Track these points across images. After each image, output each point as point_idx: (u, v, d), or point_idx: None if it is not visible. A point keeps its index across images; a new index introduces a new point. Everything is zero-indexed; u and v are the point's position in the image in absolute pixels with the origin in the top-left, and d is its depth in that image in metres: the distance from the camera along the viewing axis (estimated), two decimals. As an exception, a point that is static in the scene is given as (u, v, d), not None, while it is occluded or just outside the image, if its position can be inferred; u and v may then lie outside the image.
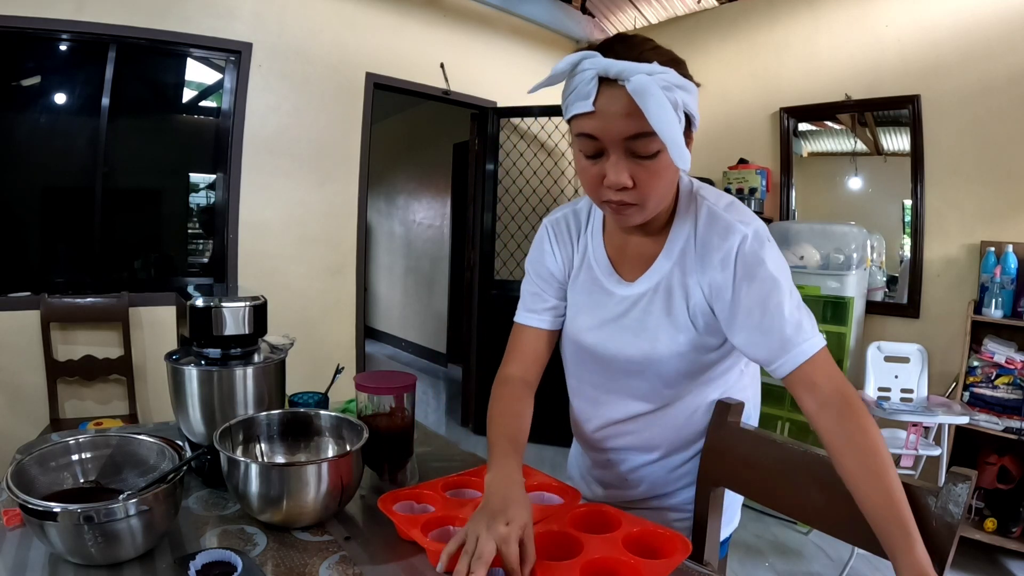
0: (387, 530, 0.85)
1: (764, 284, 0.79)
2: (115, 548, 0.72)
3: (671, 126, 0.67)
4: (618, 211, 0.79)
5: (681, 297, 0.85)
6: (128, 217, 2.81)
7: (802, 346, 0.77)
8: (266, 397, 1.05)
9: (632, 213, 0.79)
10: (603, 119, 0.72)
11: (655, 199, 0.78)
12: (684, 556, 0.74)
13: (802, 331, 0.77)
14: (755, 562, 2.39)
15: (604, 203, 0.80)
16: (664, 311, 0.86)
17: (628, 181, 0.74)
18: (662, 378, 0.90)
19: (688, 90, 0.73)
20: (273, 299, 1.14)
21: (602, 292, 0.92)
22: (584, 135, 0.74)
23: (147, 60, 2.74)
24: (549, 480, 0.97)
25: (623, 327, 0.90)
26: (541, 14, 3.83)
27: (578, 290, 0.96)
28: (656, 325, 0.87)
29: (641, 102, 0.67)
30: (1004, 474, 2.37)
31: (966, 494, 0.68)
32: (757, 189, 3.15)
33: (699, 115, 0.77)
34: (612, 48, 0.72)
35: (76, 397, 2.55)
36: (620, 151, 0.74)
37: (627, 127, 0.71)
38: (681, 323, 0.86)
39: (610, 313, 0.91)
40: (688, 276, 0.85)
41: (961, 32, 2.62)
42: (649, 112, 0.67)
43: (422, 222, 5.88)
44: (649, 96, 0.67)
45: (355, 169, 3.27)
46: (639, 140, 0.72)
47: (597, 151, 0.75)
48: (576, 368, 1.01)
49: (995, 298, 2.40)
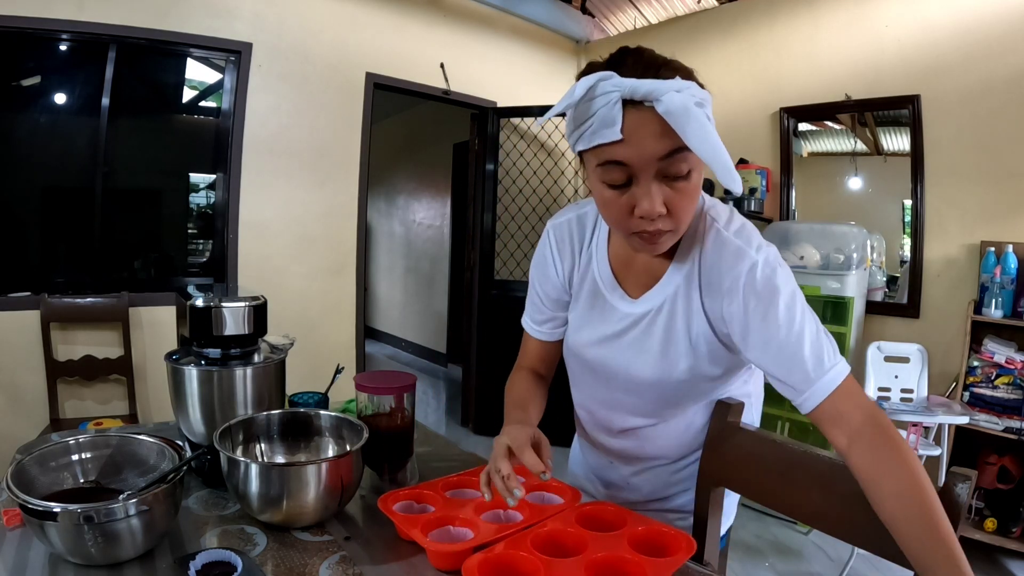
0: (387, 530, 0.85)
1: (778, 317, 0.73)
2: (115, 548, 0.72)
3: (716, 147, 0.63)
4: (650, 240, 0.73)
5: (684, 321, 0.82)
6: (128, 217, 2.81)
7: (824, 378, 0.71)
8: (266, 397, 1.05)
9: (665, 240, 0.74)
10: (634, 144, 0.66)
11: (686, 220, 0.73)
12: (688, 555, 0.74)
13: (823, 362, 0.72)
14: (755, 562, 2.39)
15: (635, 235, 0.74)
16: (666, 333, 0.83)
17: (663, 208, 0.69)
18: (663, 398, 0.88)
19: (709, 103, 0.68)
20: (273, 299, 1.14)
21: (605, 307, 0.89)
22: (612, 163, 0.68)
23: (147, 60, 2.74)
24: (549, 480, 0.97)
25: (625, 345, 0.87)
26: (541, 14, 3.83)
27: (580, 303, 0.93)
28: (658, 348, 0.84)
29: (678, 124, 0.63)
30: (1004, 474, 2.37)
31: (966, 494, 0.67)
32: (757, 189, 3.15)
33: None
34: (626, 65, 0.67)
35: (76, 397, 2.55)
36: (651, 175, 0.68)
37: (661, 147, 0.66)
38: (682, 349, 0.82)
39: (612, 329, 0.88)
40: (692, 300, 0.81)
41: (961, 32, 2.62)
42: (688, 135, 0.62)
43: (422, 222, 5.88)
44: (688, 117, 0.62)
45: (355, 169, 3.27)
46: (672, 159, 0.67)
47: (626, 179, 0.69)
48: (579, 380, 1.00)
49: (995, 298, 2.40)
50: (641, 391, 0.89)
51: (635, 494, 1.01)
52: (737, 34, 3.44)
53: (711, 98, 0.69)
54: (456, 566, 0.74)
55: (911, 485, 0.63)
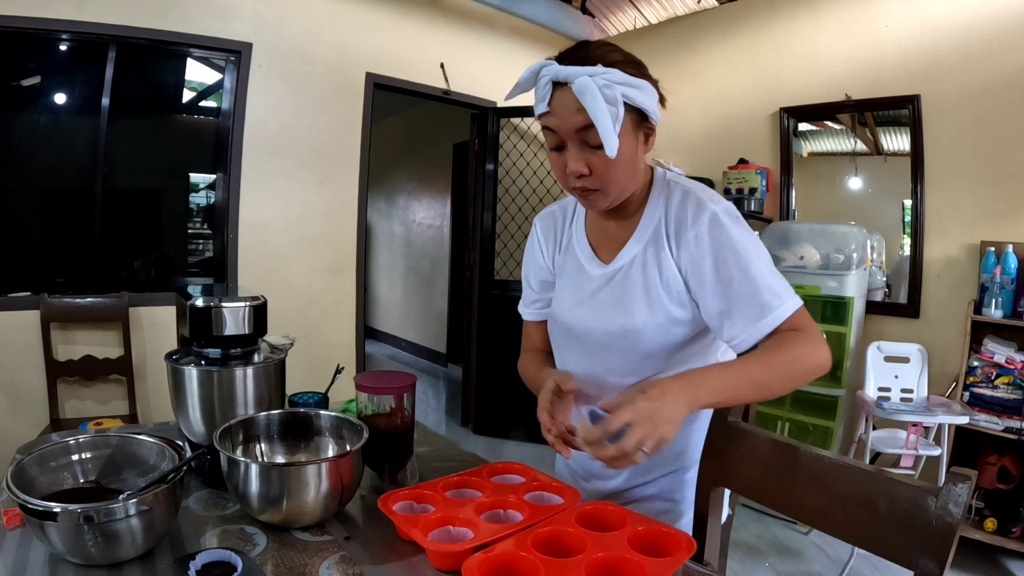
0: (387, 530, 0.85)
1: (736, 254, 0.84)
2: (115, 548, 0.72)
3: (602, 115, 0.78)
4: (584, 196, 0.89)
5: (655, 271, 0.91)
6: (128, 217, 2.81)
7: (778, 310, 0.83)
8: (266, 397, 1.05)
9: (596, 198, 0.88)
10: (557, 116, 0.82)
11: (614, 184, 0.86)
12: (689, 555, 0.74)
13: (777, 296, 0.83)
14: (755, 562, 2.39)
15: (572, 190, 0.89)
16: (639, 285, 0.91)
17: (584, 169, 0.84)
18: (639, 352, 0.92)
19: (636, 87, 0.81)
20: (273, 299, 1.14)
21: (582, 273, 0.99)
22: (546, 128, 0.86)
23: (147, 60, 2.74)
24: (549, 480, 0.97)
25: (600, 302, 0.95)
26: (541, 14, 3.82)
27: (563, 276, 1.03)
28: (631, 299, 0.92)
29: (581, 98, 0.78)
30: (1004, 474, 2.37)
31: (966, 494, 0.67)
32: (757, 189, 3.15)
33: (657, 110, 0.87)
34: (569, 55, 0.83)
35: (76, 397, 2.55)
36: (575, 143, 0.83)
37: (576, 121, 0.81)
38: (655, 296, 0.90)
39: (587, 291, 0.97)
40: (661, 251, 0.90)
41: (961, 32, 2.62)
42: (586, 105, 0.78)
43: (422, 222, 5.88)
44: (587, 93, 0.78)
45: (355, 169, 3.27)
46: (588, 131, 0.81)
47: (558, 143, 0.85)
48: (560, 349, 1.04)
49: (995, 298, 2.40)
50: (618, 345, 0.93)
51: (615, 481, 1.02)
52: (737, 34, 3.44)
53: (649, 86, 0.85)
54: (456, 566, 0.74)
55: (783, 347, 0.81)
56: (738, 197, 3.15)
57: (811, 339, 0.82)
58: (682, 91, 3.68)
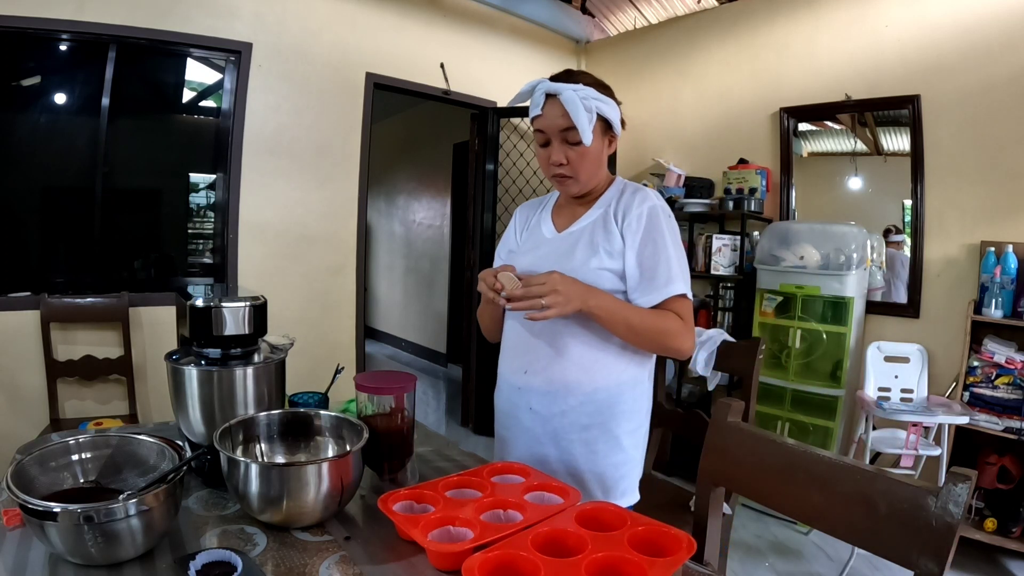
0: (387, 530, 0.85)
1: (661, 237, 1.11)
2: (115, 548, 0.72)
3: (582, 119, 1.07)
4: (560, 182, 1.17)
5: (601, 232, 1.15)
6: (128, 217, 2.81)
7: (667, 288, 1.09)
8: (266, 397, 1.05)
9: (569, 184, 1.16)
10: (547, 119, 1.12)
11: (584, 173, 1.15)
12: (689, 555, 0.74)
13: (677, 278, 1.10)
14: (755, 562, 2.39)
15: (552, 177, 1.17)
16: (588, 244, 1.15)
17: (563, 159, 1.13)
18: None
19: (605, 102, 1.11)
20: (273, 299, 1.14)
21: (538, 236, 1.24)
22: (537, 130, 1.15)
23: (147, 60, 2.74)
24: (549, 480, 0.97)
25: (549, 256, 1.17)
26: (541, 14, 3.83)
27: (523, 243, 1.28)
28: (580, 253, 1.14)
29: (566, 106, 1.08)
30: (1004, 474, 2.37)
31: (966, 494, 0.68)
32: (757, 189, 3.15)
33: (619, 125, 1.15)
34: (557, 77, 1.12)
35: (76, 397, 2.55)
36: (558, 140, 1.12)
37: (561, 123, 1.10)
38: (594, 246, 1.14)
39: (542, 251, 1.20)
40: (608, 221, 1.15)
41: (961, 32, 2.62)
42: (569, 111, 1.07)
43: (422, 222, 5.88)
44: (571, 102, 1.07)
45: (355, 169, 3.27)
46: (569, 132, 1.10)
47: (545, 141, 1.14)
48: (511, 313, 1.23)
49: (995, 298, 2.40)
50: None
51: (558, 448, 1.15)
52: (737, 34, 3.44)
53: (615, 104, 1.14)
54: (456, 566, 0.74)
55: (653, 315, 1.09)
56: (738, 197, 3.15)
57: (684, 327, 1.10)
58: (682, 91, 3.68)
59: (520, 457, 1.16)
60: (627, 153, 3.86)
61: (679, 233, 1.16)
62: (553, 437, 1.15)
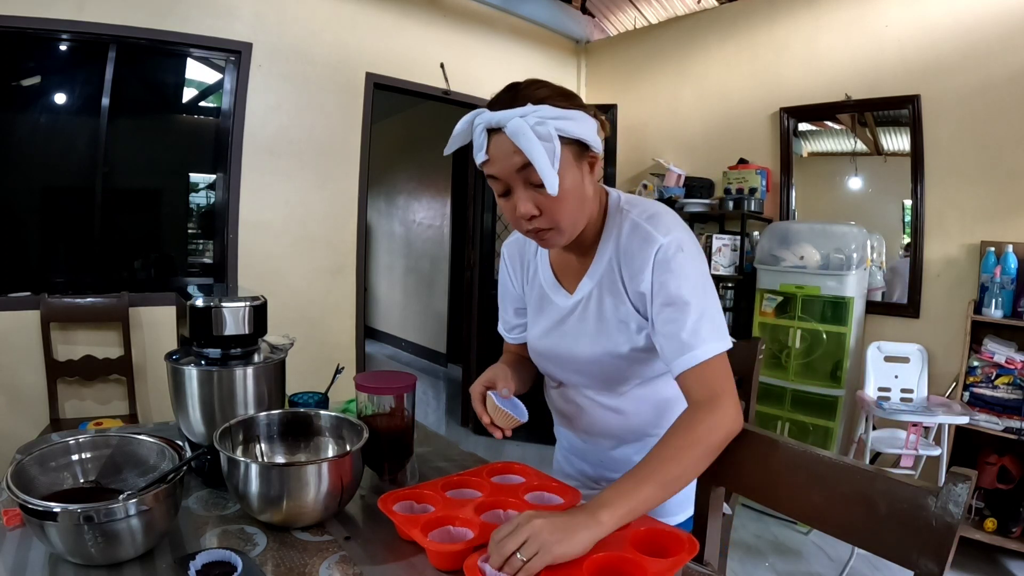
0: (387, 530, 0.85)
1: (670, 291, 0.86)
2: (115, 548, 0.72)
3: (538, 153, 0.78)
4: (539, 237, 0.89)
5: (611, 302, 0.93)
6: (128, 217, 2.81)
7: (692, 353, 0.83)
8: (266, 397, 1.05)
9: (551, 236, 0.88)
10: (496, 161, 0.83)
11: (566, 221, 0.86)
12: (691, 555, 0.74)
13: (698, 336, 0.83)
14: (755, 562, 2.39)
15: (527, 233, 0.89)
16: (597, 316, 0.95)
17: (534, 209, 0.84)
18: (606, 374, 0.98)
19: (569, 118, 0.81)
20: (273, 299, 1.14)
21: (548, 303, 1.02)
22: (490, 176, 0.86)
23: (147, 60, 2.74)
24: (549, 480, 0.97)
25: (564, 332, 0.99)
26: (541, 14, 3.83)
27: (531, 306, 1.07)
28: (592, 329, 0.96)
29: (515, 140, 0.79)
30: (1004, 474, 2.37)
31: (966, 494, 0.67)
32: (757, 189, 3.15)
33: (598, 139, 0.86)
34: (499, 100, 0.84)
35: (76, 397, 2.55)
36: (520, 184, 0.84)
37: (514, 162, 0.81)
38: (612, 326, 0.94)
39: (553, 320, 1.01)
40: (616, 283, 0.93)
41: (961, 32, 2.62)
42: (520, 146, 0.79)
43: (422, 222, 5.88)
44: (520, 134, 0.78)
45: (355, 169, 3.27)
46: (529, 170, 0.81)
47: (504, 189, 0.86)
48: (540, 366, 1.09)
49: (995, 298, 2.40)
50: (587, 370, 0.99)
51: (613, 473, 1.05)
52: (737, 34, 3.44)
53: (583, 115, 0.84)
54: (456, 566, 0.74)
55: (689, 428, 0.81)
56: (738, 197, 3.15)
57: (716, 407, 0.82)
58: (682, 91, 3.68)
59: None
60: (627, 153, 3.86)
61: (702, 264, 0.89)
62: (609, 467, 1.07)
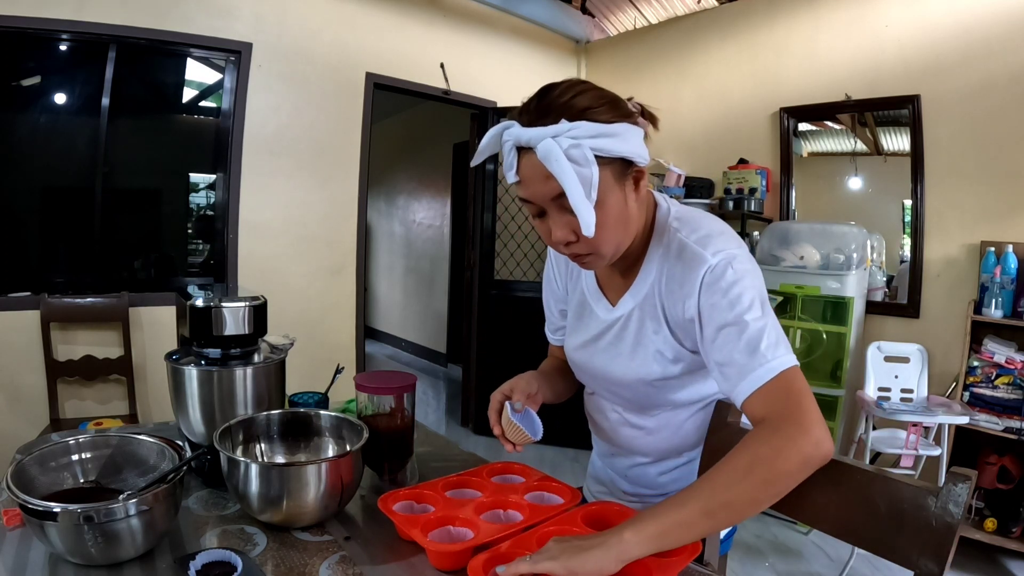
0: (387, 530, 0.85)
1: (723, 312, 0.76)
2: (115, 548, 0.72)
3: (572, 184, 0.69)
4: (578, 261, 0.83)
5: (651, 328, 0.87)
6: (128, 217, 2.81)
7: (758, 370, 0.73)
8: (266, 397, 1.05)
9: (591, 261, 0.82)
10: (528, 185, 0.75)
11: (607, 245, 0.79)
12: (694, 555, 0.74)
13: (756, 355, 0.73)
14: (755, 562, 2.39)
15: (565, 254, 0.83)
16: (635, 337, 0.88)
17: (570, 236, 0.78)
18: (638, 397, 0.93)
19: (611, 134, 0.72)
20: (273, 299, 1.14)
21: (589, 313, 0.96)
22: (522, 199, 0.78)
23: (147, 60, 2.74)
24: (549, 480, 0.97)
25: (600, 348, 0.93)
26: (541, 14, 3.83)
27: (572, 312, 1.01)
28: (628, 351, 0.90)
29: (547, 164, 0.70)
30: (1004, 474, 2.37)
31: (966, 494, 0.67)
32: (757, 189, 3.15)
33: (644, 150, 0.77)
34: (530, 111, 0.74)
35: (76, 397, 2.55)
36: (555, 209, 0.76)
37: (548, 189, 0.73)
38: (649, 353, 0.87)
39: (591, 333, 0.95)
40: (657, 308, 0.86)
41: (961, 32, 2.62)
42: (552, 171, 0.70)
43: (422, 222, 5.88)
44: (551, 159, 0.70)
45: (355, 169, 3.27)
46: (565, 197, 0.72)
47: (539, 211, 0.79)
48: (576, 374, 1.04)
49: (995, 298, 2.40)
50: (618, 390, 0.95)
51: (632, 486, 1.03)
52: (737, 34, 3.44)
53: (628, 127, 0.75)
54: (456, 566, 0.74)
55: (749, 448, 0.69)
56: (738, 197, 3.15)
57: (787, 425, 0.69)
58: (682, 91, 3.68)
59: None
60: (627, 153, 3.85)
61: (758, 279, 0.79)
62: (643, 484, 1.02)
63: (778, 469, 0.68)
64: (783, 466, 0.68)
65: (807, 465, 0.69)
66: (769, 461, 0.68)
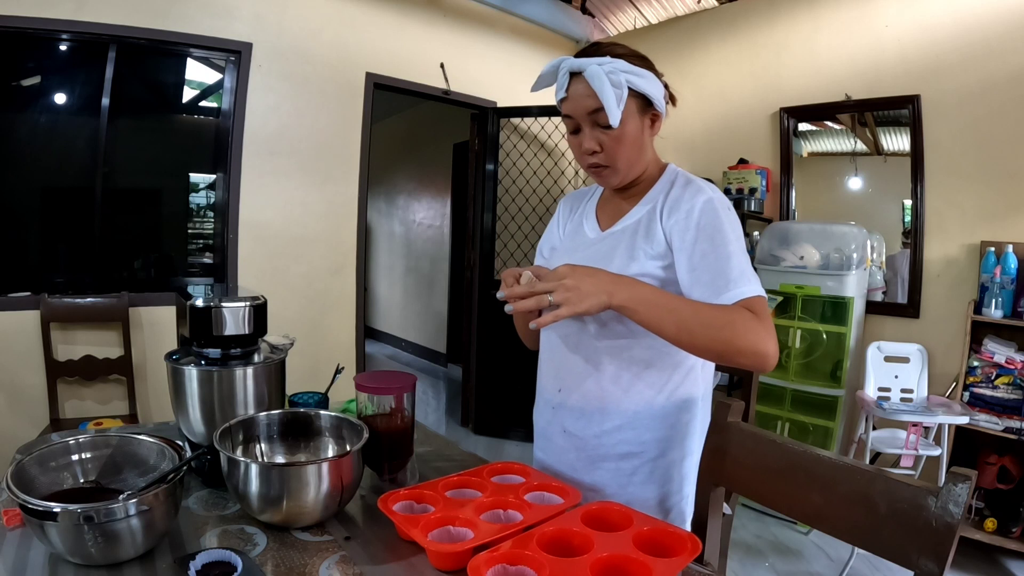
0: (387, 530, 0.85)
1: (719, 233, 0.91)
2: (115, 548, 0.72)
3: (608, 94, 0.91)
4: (597, 173, 1.02)
5: (644, 236, 0.99)
6: (128, 217, 2.81)
7: (742, 287, 0.88)
8: (266, 397, 1.05)
9: (607, 174, 1.01)
10: (573, 101, 0.96)
11: (623, 161, 0.98)
12: (694, 555, 0.74)
13: (744, 277, 0.88)
14: (755, 562, 2.39)
15: (587, 168, 1.02)
16: (628, 248, 0.99)
17: (596, 146, 0.97)
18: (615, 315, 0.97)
19: (639, 75, 0.94)
20: (273, 299, 1.14)
21: (580, 235, 1.10)
22: (565, 116, 0.99)
23: (147, 60, 2.74)
24: (549, 480, 0.97)
25: (588, 260, 1.00)
26: (541, 14, 3.82)
27: (565, 240, 1.14)
28: (619, 257, 0.99)
29: (591, 82, 0.92)
30: (1004, 474, 2.37)
31: (966, 494, 0.68)
32: (757, 189, 3.15)
33: (662, 100, 0.98)
34: (583, 52, 0.98)
35: (76, 397, 2.55)
36: (588, 124, 0.97)
37: (588, 104, 0.94)
38: (640, 256, 0.98)
39: (581, 253, 1.05)
40: (654, 223, 0.99)
41: (961, 32, 2.62)
42: (594, 87, 0.92)
43: (422, 222, 5.88)
44: (595, 77, 0.92)
45: (355, 169, 3.27)
46: (599, 114, 0.94)
47: (575, 128, 0.99)
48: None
49: (995, 298, 2.40)
50: None
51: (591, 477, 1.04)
52: (737, 34, 3.44)
53: (652, 76, 0.97)
54: (456, 566, 0.74)
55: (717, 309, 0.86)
56: (738, 197, 3.15)
57: (760, 324, 0.84)
58: (682, 91, 3.65)
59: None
60: (627, 153, 3.85)
61: (741, 229, 0.95)
62: (589, 463, 1.03)
63: (738, 343, 0.83)
64: (743, 342, 0.83)
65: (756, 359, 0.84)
66: (739, 334, 0.83)
